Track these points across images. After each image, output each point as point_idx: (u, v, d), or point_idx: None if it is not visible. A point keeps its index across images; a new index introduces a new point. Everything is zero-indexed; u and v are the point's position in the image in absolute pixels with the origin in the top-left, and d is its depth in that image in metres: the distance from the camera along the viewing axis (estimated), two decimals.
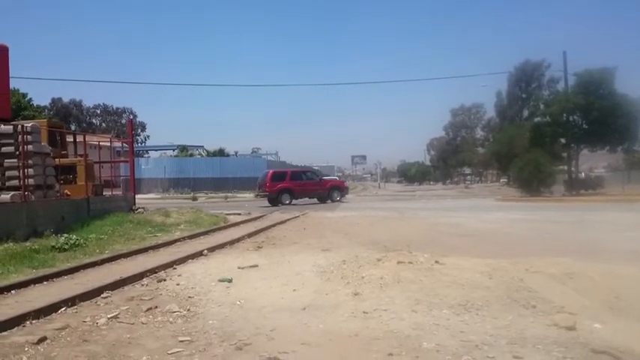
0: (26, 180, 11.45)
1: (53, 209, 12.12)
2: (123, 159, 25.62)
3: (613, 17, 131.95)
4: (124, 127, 64.56)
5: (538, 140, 29.66)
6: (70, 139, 17.98)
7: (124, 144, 23.87)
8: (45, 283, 6.95)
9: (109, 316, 5.18)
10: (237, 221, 15.97)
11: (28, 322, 4.97)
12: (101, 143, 31.47)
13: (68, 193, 14.32)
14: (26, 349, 4.23)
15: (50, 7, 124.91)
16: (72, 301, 5.68)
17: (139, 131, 76.83)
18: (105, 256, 9.02)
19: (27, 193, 11.34)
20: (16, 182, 11.55)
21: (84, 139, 16.35)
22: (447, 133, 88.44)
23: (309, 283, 6.50)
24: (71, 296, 5.79)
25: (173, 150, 62.31)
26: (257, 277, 7.06)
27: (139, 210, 16.24)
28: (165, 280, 7.09)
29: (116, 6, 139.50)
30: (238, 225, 15.13)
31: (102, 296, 6.11)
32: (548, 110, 29.59)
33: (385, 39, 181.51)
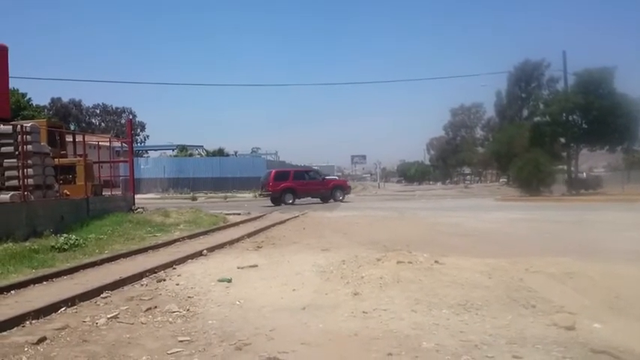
0: (25, 180, 11.45)
1: (53, 209, 12.13)
2: (122, 159, 25.62)
3: (613, 17, 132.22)
4: (124, 126, 64.54)
5: (538, 140, 29.65)
6: (69, 138, 17.97)
7: (124, 144, 23.86)
8: (44, 283, 6.95)
9: (109, 316, 5.18)
10: (237, 221, 15.97)
11: (27, 322, 4.97)
12: (100, 143, 31.51)
13: (67, 193, 14.32)
14: (26, 349, 4.23)
15: (50, 7, 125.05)
16: (71, 301, 5.69)
17: (139, 131, 76.80)
18: (104, 256, 9.02)
19: (26, 193, 11.35)
20: (15, 182, 11.56)
21: (83, 138, 16.36)
22: (447, 133, 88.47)
23: (309, 283, 6.51)
24: (71, 296, 5.79)
25: (172, 150, 62.31)
26: (256, 277, 7.06)
27: (139, 210, 16.24)
28: (164, 280, 7.09)
29: (116, 6, 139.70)
30: (238, 225, 15.13)
31: (101, 296, 6.11)
32: (548, 110, 29.59)
33: (385, 39, 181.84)
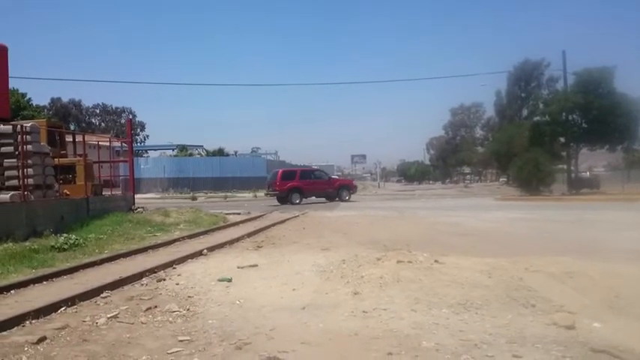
0: (25, 180, 11.46)
1: (52, 209, 12.13)
2: (122, 159, 25.61)
3: (612, 16, 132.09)
4: (123, 126, 64.53)
5: (537, 139, 29.67)
6: (69, 138, 17.99)
7: (124, 144, 23.84)
8: (44, 282, 6.95)
9: (109, 315, 5.18)
10: (237, 221, 15.98)
11: (27, 322, 4.97)
12: (100, 143, 31.57)
13: (67, 193, 14.32)
14: (26, 349, 4.23)
15: (50, 6, 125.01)
16: (71, 301, 5.69)
17: (138, 131, 76.78)
18: (104, 255, 9.02)
19: (26, 192, 11.36)
20: (15, 182, 11.56)
21: (83, 138, 16.36)
22: (447, 133, 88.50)
23: (309, 283, 6.51)
24: (71, 296, 5.79)
25: (172, 150, 62.27)
26: (256, 276, 7.06)
27: (139, 210, 16.24)
28: (164, 279, 7.10)
29: (116, 6, 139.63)
30: (238, 224, 15.14)
31: (101, 296, 6.12)
32: (548, 109, 29.60)
33: (385, 39, 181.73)
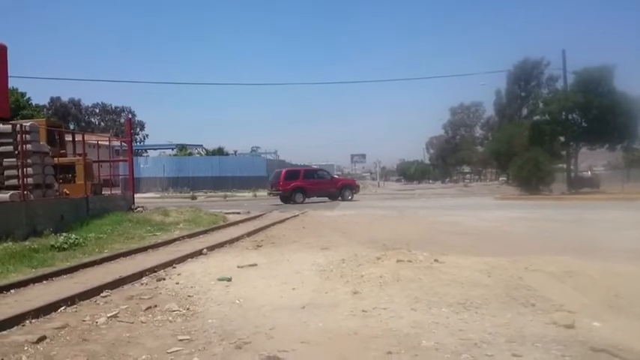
0: (25, 179, 11.46)
1: (52, 208, 12.13)
2: (122, 158, 25.57)
3: (612, 16, 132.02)
4: (123, 126, 64.54)
5: (537, 139, 29.67)
6: (68, 138, 17.98)
7: (123, 143, 23.82)
8: (44, 282, 6.95)
9: (109, 315, 5.18)
10: (237, 220, 15.98)
11: (27, 322, 4.97)
12: (100, 142, 31.65)
13: (67, 193, 14.31)
14: (26, 348, 4.23)
15: (49, 6, 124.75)
16: (71, 301, 5.69)
17: (138, 130, 76.73)
18: (104, 255, 9.02)
19: (26, 192, 11.35)
20: (15, 181, 11.56)
21: (83, 138, 16.36)
22: (447, 132, 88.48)
23: (309, 282, 6.51)
24: (70, 295, 5.79)
25: (172, 149, 62.24)
26: (256, 275, 7.07)
27: (138, 209, 16.24)
28: (164, 279, 7.10)
29: (115, 5, 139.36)
30: (237, 224, 15.14)
31: (101, 295, 6.12)
32: (548, 108, 29.59)
33: (385, 38, 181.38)
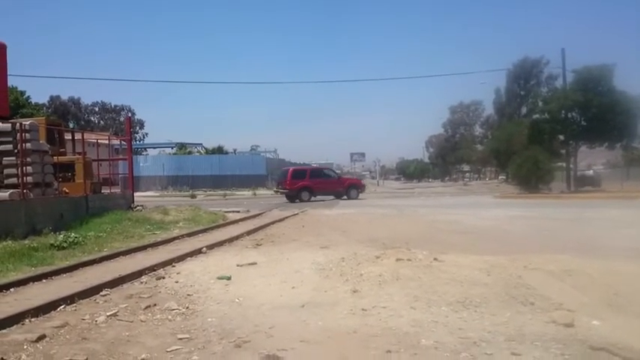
0: (25, 178, 11.45)
1: (52, 207, 12.12)
2: (121, 157, 25.52)
3: (612, 14, 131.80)
4: (123, 124, 64.49)
5: (536, 137, 29.65)
6: (68, 136, 17.92)
7: (123, 141, 23.78)
8: (44, 281, 6.95)
9: (108, 313, 5.19)
10: (236, 219, 15.98)
11: (27, 320, 4.97)
12: (99, 141, 31.59)
13: (67, 191, 14.30)
14: (25, 347, 4.23)
15: (49, 4, 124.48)
16: (71, 299, 5.69)
17: (137, 129, 76.50)
18: (104, 253, 9.02)
19: (25, 190, 11.35)
20: (14, 180, 11.55)
21: (82, 136, 16.37)
22: (446, 131, 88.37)
23: (308, 281, 6.51)
24: (70, 294, 5.79)
25: (171, 148, 62.14)
26: (256, 274, 7.07)
27: (138, 208, 16.23)
28: (164, 277, 7.10)
29: (115, 4, 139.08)
30: (237, 223, 15.14)
31: (101, 294, 6.12)
32: (547, 107, 29.57)
33: (385, 37, 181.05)
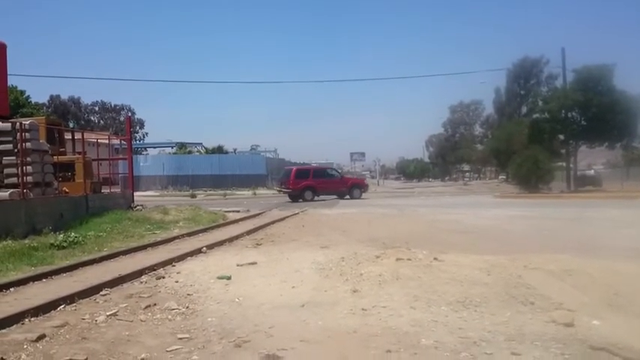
0: (25, 177, 11.45)
1: (52, 207, 12.12)
2: (121, 156, 25.53)
3: (612, 14, 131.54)
4: (123, 124, 64.47)
5: (536, 137, 29.65)
6: (68, 136, 17.93)
7: (123, 141, 23.78)
8: (44, 280, 6.95)
9: (108, 313, 5.19)
10: (236, 218, 15.98)
11: (27, 320, 4.97)
12: (99, 140, 31.60)
13: (67, 191, 14.30)
14: (25, 347, 4.23)
15: (49, 5, 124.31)
16: (71, 299, 5.69)
17: (137, 128, 76.44)
18: (103, 253, 9.02)
19: (25, 190, 11.35)
20: (14, 180, 11.55)
21: (82, 136, 16.37)
22: (446, 130, 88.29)
23: (308, 280, 6.51)
24: (70, 294, 5.79)
25: (171, 147, 62.13)
26: (256, 274, 7.07)
27: (138, 207, 16.23)
28: (164, 277, 7.10)
29: (115, 4, 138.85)
30: (237, 222, 15.14)
31: (101, 294, 6.12)
32: (547, 107, 29.57)
33: (385, 36, 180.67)
